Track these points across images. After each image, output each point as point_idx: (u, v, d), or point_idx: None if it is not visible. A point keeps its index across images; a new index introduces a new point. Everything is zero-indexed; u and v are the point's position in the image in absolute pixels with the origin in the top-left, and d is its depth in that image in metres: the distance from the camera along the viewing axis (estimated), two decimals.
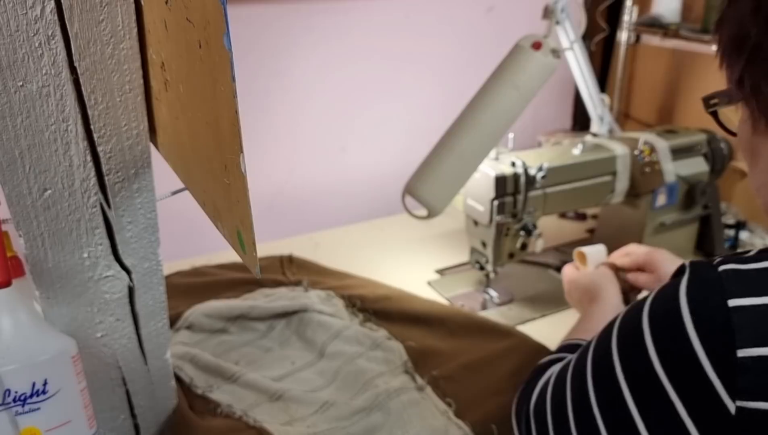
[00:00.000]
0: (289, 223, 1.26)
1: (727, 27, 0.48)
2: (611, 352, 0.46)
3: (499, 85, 0.81)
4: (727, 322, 0.39)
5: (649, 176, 0.98)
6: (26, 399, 0.52)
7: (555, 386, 0.54)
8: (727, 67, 0.49)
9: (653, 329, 0.43)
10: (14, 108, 0.47)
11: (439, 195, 0.83)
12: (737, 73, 0.47)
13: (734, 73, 0.47)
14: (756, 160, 0.50)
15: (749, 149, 0.51)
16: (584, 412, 0.48)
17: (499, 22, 1.35)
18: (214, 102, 0.38)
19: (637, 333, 0.44)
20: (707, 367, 0.39)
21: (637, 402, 0.44)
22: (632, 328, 0.45)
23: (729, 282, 0.40)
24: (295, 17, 1.14)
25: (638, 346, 0.43)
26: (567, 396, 0.51)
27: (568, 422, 0.50)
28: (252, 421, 0.68)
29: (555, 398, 0.53)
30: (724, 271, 0.41)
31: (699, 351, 0.40)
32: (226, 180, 0.40)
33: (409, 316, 0.87)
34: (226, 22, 0.33)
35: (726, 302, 0.39)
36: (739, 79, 0.47)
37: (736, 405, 0.38)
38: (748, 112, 0.48)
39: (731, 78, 0.48)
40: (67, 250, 0.54)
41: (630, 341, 0.45)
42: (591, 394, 0.48)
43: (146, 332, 0.62)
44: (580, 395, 0.49)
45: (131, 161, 0.53)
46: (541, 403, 0.55)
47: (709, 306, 0.40)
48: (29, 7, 0.45)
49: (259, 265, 0.41)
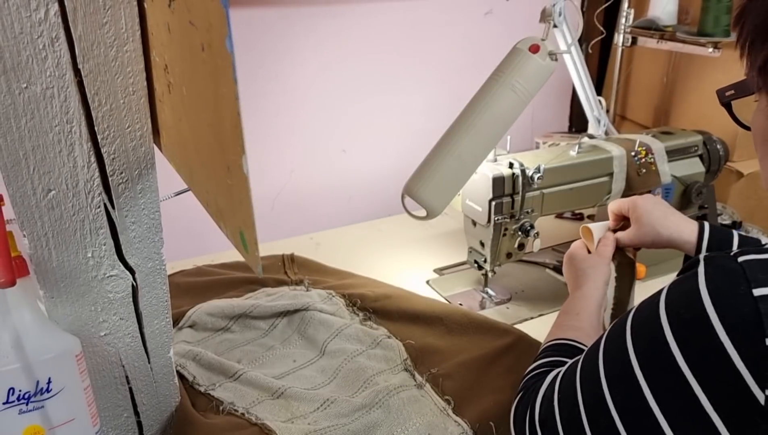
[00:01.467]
0: (290, 223, 1.26)
1: (750, 18, 0.49)
2: (626, 351, 0.45)
3: (497, 87, 0.82)
4: (754, 311, 0.38)
5: (645, 177, 0.98)
6: (30, 397, 0.52)
7: (563, 392, 0.52)
8: (749, 55, 0.49)
9: (673, 324, 0.42)
10: (19, 109, 0.48)
11: (438, 196, 0.84)
12: (761, 59, 0.47)
13: (758, 60, 0.47)
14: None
15: (765, 137, 0.50)
16: (601, 415, 0.47)
17: (497, 25, 1.35)
18: (216, 104, 0.39)
19: (654, 329, 0.43)
20: (735, 358, 0.38)
21: (658, 400, 0.43)
22: (649, 325, 0.44)
23: (752, 272, 0.39)
24: (296, 20, 1.14)
25: (657, 343, 0.43)
26: (579, 401, 0.49)
27: (582, 428, 0.48)
28: (254, 419, 0.69)
29: (564, 404, 0.52)
30: (745, 262, 0.40)
31: (726, 342, 0.39)
32: (228, 181, 0.41)
33: (408, 315, 0.87)
34: (229, 25, 0.34)
35: (751, 291, 0.38)
36: (763, 65, 0.47)
37: (765, 394, 0.37)
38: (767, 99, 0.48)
39: (754, 66, 0.48)
40: (71, 250, 0.54)
41: (648, 338, 0.44)
42: (607, 396, 0.46)
43: (149, 331, 0.62)
44: (594, 398, 0.48)
45: (135, 162, 0.54)
46: (548, 410, 0.53)
47: (734, 296, 0.39)
48: (33, 9, 0.45)
49: (261, 264, 0.41)
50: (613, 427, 0.46)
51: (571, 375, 0.52)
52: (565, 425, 0.51)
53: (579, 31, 1.00)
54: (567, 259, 0.82)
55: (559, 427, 0.51)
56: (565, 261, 0.82)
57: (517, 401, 0.60)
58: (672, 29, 1.28)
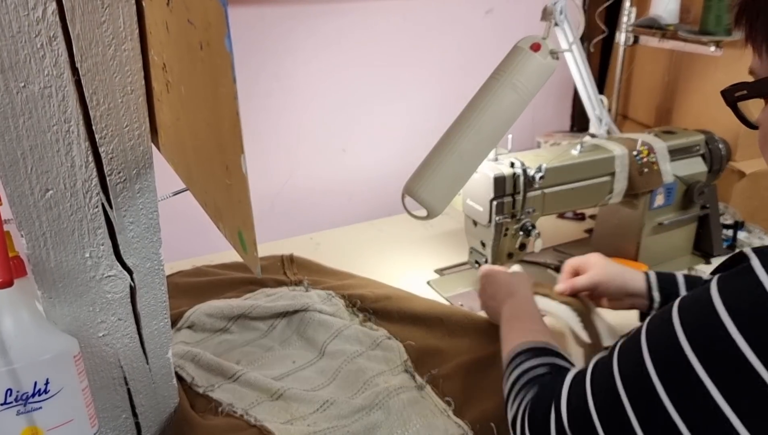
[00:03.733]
0: (289, 223, 1.26)
1: (764, 15, 0.48)
2: (681, 351, 0.44)
3: (498, 86, 0.82)
4: None
5: (647, 177, 0.98)
6: (28, 398, 0.52)
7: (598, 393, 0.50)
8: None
9: (740, 322, 0.41)
10: (16, 109, 0.47)
11: (439, 195, 0.83)
12: None
13: None
14: None
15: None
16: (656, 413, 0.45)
17: (498, 24, 1.35)
18: (215, 103, 0.39)
19: (715, 326, 0.42)
20: None
21: (730, 402, 0.41)
22: (706, 323, 0.43)
23: None
24: (295, 19, 1.14)
25: (721, 341, 0.42)
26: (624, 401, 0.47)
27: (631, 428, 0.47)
28: (253, 420, 0.69)
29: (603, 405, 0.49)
30: None
31: None
32: (227, 180, 0.41)
33: (408, 316, 0.87)
34: (227, 23, 0.34)
35: None
36: None
37: None
38: None
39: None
40: (69, 250, 0.54)
41: (707, 337, 0.43)
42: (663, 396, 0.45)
43: (148, 332, 0.62)
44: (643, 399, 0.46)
45: (133, 162, 0.54)
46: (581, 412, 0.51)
47: None
48: (31, 8, 0.45)
49: (260, 264, 0.41)
50: (673, 427, 0.44)
51: (605, 373, 0.50)
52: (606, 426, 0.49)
53: (580, 29, 0.99)
54: (484, 276, 0.86)
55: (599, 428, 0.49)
56: (482, 282, 0.86)
57: (531, 403, 0.57)
58: (674, 28, 1.27)
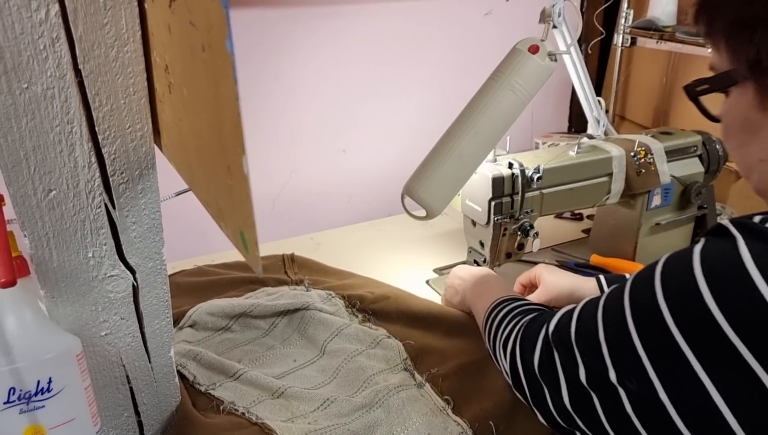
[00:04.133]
0: (290, 224, 1.27)
1: (723, 12, 0.51)
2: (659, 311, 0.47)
3: (497, 87, 0.82)
4: None
5: (644, 177, 0.98)
6: (31, 397, 0.52)
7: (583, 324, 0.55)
8: (730, 50, 0.51)
9: (711, 281, 0.44)
10: (19, 110, 0.48)
11: (438, 196, 0.84)
12: (752, 52, 0.49)
13: (746, 53, 0.49)
14: (753, 137, 0.53)
15: (745, 128, 0.53)
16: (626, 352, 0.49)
17: (496, 26, 1.36)
18: (216, 104, 0.39)
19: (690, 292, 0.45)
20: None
21: (691, 346, 0.44)
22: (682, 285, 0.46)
23: None
24: (296, 20, 1.15)
25: (690, 296, 0.44)
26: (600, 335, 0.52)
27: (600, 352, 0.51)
28: (254, 418, 0.69)
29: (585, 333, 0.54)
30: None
31: None
32: (229, 181, 0.41)
33: (407, 316, 0.87)
34: (229, 25, 0.34)
35: None
36: (755, 59, 0.49)
37: None
38: (754, 90, 0.51)
39: (740, 59, 0.50)
40: (71, 250, 0.54)
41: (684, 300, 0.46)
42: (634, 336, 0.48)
43: (150, 331, 0.62)
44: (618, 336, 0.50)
45: (135, 162, 0.54)
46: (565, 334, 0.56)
47: None
48: (34, 10, 0.45)
49: (261, 264, 0.41)
50: (639, 363, 0.47)
51: (591, 309, 0.54)
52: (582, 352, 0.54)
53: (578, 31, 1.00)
54: (455, 277, 0.90)
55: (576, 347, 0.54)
56: (449, 280, 0.91)
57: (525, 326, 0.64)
58: (671, 30, 1.28)
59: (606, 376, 0.50)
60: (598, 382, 0.52)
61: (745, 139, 0.54)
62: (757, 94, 0.51)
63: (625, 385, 0.49)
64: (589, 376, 0.53)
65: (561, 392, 0.56)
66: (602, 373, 0.51)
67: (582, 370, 0.53)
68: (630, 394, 0.49)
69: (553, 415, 0.58)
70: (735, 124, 0.54)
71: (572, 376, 0.54)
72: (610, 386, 0.50)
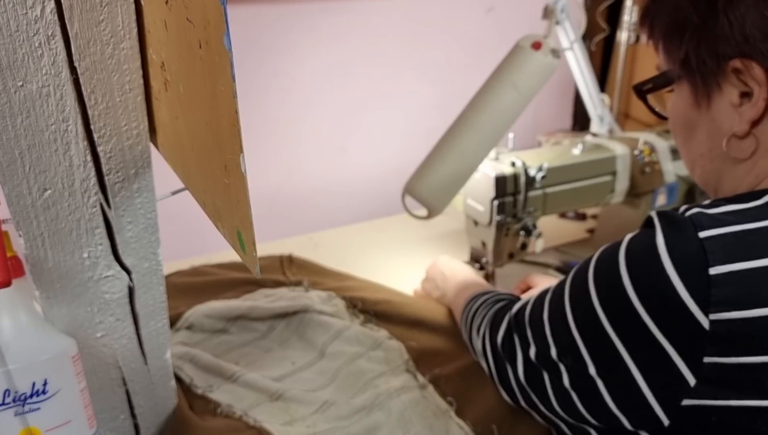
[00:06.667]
0: (289, 223, 1.26)
1: (660, 16, 0.56)
2: (589, 295, 0.51)
3: (499, 85, 0.81)
4: (700, 248, 0.44)
5: (649, 176, 0.98)
6: (26, 399, 0.52)
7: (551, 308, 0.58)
8: (665, 51, 0.57)
9: (629, 264, 0.48)
10: (14, 108, 0.47)
11: (439, 195, 0.83)
12: (682, 53, 0.54)
13: (677, 54, 0.54)
14: (693, 133, 0.57)
15: (685, 124, 0.58)
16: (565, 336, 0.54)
17: (499, 22, 1.35)
18: (214, 102, 0.38)
19: (614, 276, 0.48)
20: (680, 288, 0.44)
21: (616, 330, 0.48)
22: (609, 271, 0.49)
23: (698, 220, 0.46)
24: (295, 17, 1.14)
25: (614, 282, 0.48)
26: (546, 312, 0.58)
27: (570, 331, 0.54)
28: (252, 421, 0.68)
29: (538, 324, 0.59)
30: (693, 214, 0.47)
31: (672, 275, 0.45)
32: (226, 180, 0.40)
33: (409, 319, 0.87)
34: (226, 22, 0.33)
35: (697, 234, 0.45)
36: (685, 59, 0.54)
37: (709, 319, 0.43)
38: (689, 89, 0.55)
39: (674, 59, 0.55)
40: (67, 250, 0.54)
41: (608, 283, 0.49)
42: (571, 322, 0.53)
43: (146, 332, 0.62)
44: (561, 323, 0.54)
45: (131, 161, 0.53)
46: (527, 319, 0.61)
47: (684, 238, 0.45)
48: (29, 7, 0.45)
49: (259, 265, 0.41)
50: (573, 343, 0.52)
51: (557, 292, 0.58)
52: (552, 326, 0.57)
53: (582, 28, 0.99)
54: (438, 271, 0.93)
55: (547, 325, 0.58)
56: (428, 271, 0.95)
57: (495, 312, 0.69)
58: None
59: (549, 353, 0.56)
60: (544, 359, 0.57)
61: (687, 135, 0.58)
62: (690, 92, 0.55)
63: (563, 361, 0.54)
64: (537, 354, 0.58)
65: (517, 369, 0.61)
66: (546, 351, 0.56)
67: (533, 349, 0.58)
68: (568, 370, 0.54)
69: (514, 391, 0.64)
70: (678, 121, 0.59)
71: (525, 354, 0.60)
72: (552, 363, 0.55)
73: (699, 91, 0.54)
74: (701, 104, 0.55)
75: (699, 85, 0.54)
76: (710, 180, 0.58)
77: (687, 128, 0.58)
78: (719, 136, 0.54)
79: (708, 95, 0.54)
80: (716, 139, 0.54)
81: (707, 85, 0.53)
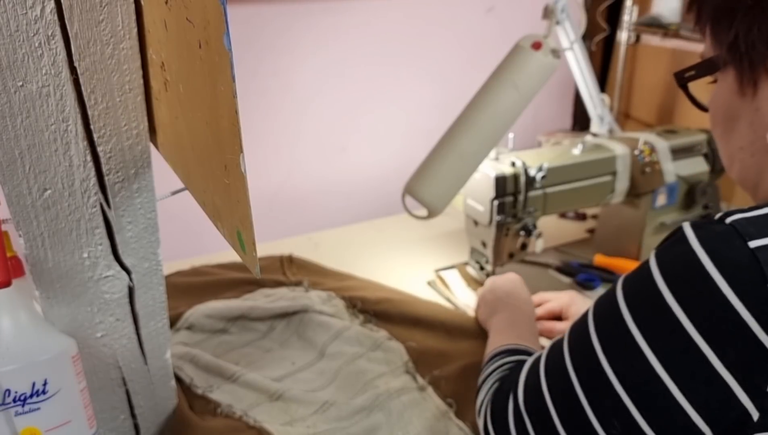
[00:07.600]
0: (288, 223, 1.26)
1: (709, 0, 0.52)
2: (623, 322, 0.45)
3: (499, 85, 0.81)
4: (753, 260, 0.40)
5: (649, 176, 0.98)
6: (26, 399, 0.52)
7: (552, 378, 0.52)
8: (713, 34, 0.53)
9: (672, 285, 0.43)
10: (14, 108, 0.47)
11: (439, 195, 0.83)
12: (731, 36, 0.50)
13: (726, 37, 0.51)
14: (734, 124, 0.54)
15: (727, 115, 0.54)
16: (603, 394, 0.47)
17: (499, 22, 1.35)
18: (213, 102, 0.38)
19: (652, 295, 0.44)
20: (740, 307, 0.40)
21: (665, 365, 0.43)
22: (645, 293, 0.45)
23: (742, 228, 0.42)
24: (294, 17, 1.14)
25: (658, 308, 0.43)
26: (574, 383, 0.49)
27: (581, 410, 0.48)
28: (252, 421, 0.68)
29: (555, 389, 0.52)
30: (734, 221, 0.42)
31: (729, 294, 0.40)
32: (225, 180, 0.40)
33: (409, 319, 0.87)
34: (226, 22, 0.33)
35: (747, 244, 0.41)
36: (733, 42, 0.50)
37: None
38: (734, 76, 0.52)
39: (721, 44, 0.52)
40: (67, 250, 0.54)
41: (646, 305, 0.45)
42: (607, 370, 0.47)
43: (146, 332, 0.62)
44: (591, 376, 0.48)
45: (131, 161, 0.53)
46: (536, 396, 0.53)
47: (732, 250, 0.41)
48: (29, 7, 0.45)
49: (258, 265, 0.41)
50: (619, 403, 0.45)
51: (556, 352, 0.52)
52: (560, 411, 0.51)
53: (582, 28, 0.99)
54: (488, 291, 0.86)
55: (553, 412, 0.51)
56: (481, 294, 0.88)
57: (494, 393, 0.61)
58: (676, 26, 1.27)
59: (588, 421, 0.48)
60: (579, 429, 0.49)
61: (727, 127, 0.55)
62: (736, 79, 0.52)
63: (611, 432, 0.47)
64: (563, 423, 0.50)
65: None
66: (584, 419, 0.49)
67: (557, 421, 0.51)
68: None
69: None
70: (719, 111, 0.55)
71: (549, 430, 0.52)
72: None
73: (745, 78, 0.51)
74: (746, 93, 0.51)
75: (746, 71, 0.50)
76: (750, 176, 0.54)
77: (728, 119, 0.54)
78: (762, 127, 0.51)
79: (755, 83, 0.50)
80: (759, 130, 0.51)
81: (755, 71, 0.50)
